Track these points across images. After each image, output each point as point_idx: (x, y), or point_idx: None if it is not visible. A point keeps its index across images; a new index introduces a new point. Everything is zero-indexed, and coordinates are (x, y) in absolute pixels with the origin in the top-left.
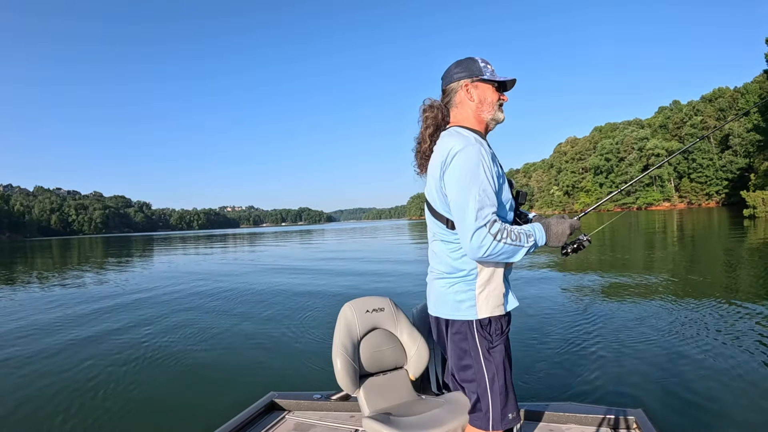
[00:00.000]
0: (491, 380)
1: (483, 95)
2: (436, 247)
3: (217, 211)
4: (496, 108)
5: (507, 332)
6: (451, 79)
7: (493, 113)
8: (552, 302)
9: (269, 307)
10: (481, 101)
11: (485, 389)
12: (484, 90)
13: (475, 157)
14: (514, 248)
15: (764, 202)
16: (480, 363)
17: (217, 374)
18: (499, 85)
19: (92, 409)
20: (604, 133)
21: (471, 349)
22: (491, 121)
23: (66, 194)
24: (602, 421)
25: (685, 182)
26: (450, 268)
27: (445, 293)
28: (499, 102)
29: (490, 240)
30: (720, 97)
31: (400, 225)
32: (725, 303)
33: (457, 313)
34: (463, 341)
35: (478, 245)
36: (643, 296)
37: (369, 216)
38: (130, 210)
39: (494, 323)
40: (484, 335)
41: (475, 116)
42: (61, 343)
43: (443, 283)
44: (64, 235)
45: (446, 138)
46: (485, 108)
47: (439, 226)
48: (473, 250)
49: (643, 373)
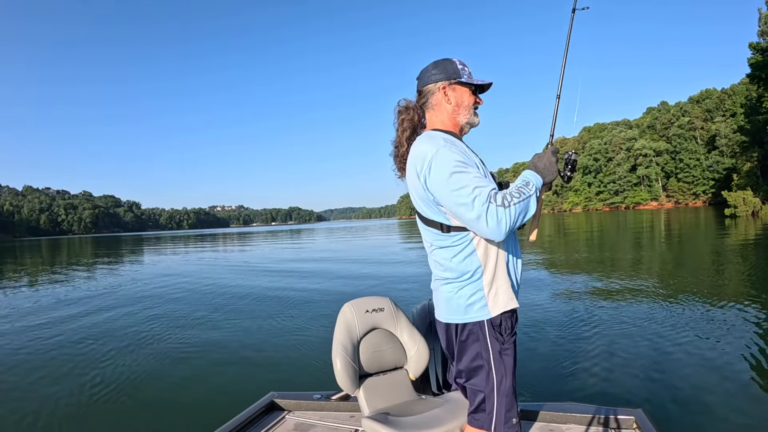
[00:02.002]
0: (500, 381)
1: (460, 98)
2: (437, 255)
3: (207, 211)
4: (472, 112)
5: (516, 332)
6: (428, 80)
7: (468, 117)
8: (552, 303)
9: (269, 308)
10: (458, 104)
11: (492, 389)
12: (461, 93)
13: (449, 155)
14: (525, 203)
15: (745, 202)
16: (491, 364)
17: (217, 374)
18: (476, 88)
19: (92, 409)
20: (593, 134)
21: (483, 350)
22: (466, 125)
23: (55, 194)
24: (602, 421)
25: (672, 182)
26: (455, 272)
27: (454, 298)
28: (474, 105)
29: (502, 211)
30: (707, 98)
31: (391, 224)
32: (722, 303)
33: (470, 315)
34: (474, 343)
35: (496, 223)
36: (642, 296)
37: (359, 215)
38: (119, 210)
39: (505, 323)
40: (496, 336)
41: (450, 119)
42: (61, 343)
43: (450, 288)
44: (54, 235)
45: (417, 145)
46: (461, 111)
47: (433, 233)
48: (494, 231)
49: (643, 373)
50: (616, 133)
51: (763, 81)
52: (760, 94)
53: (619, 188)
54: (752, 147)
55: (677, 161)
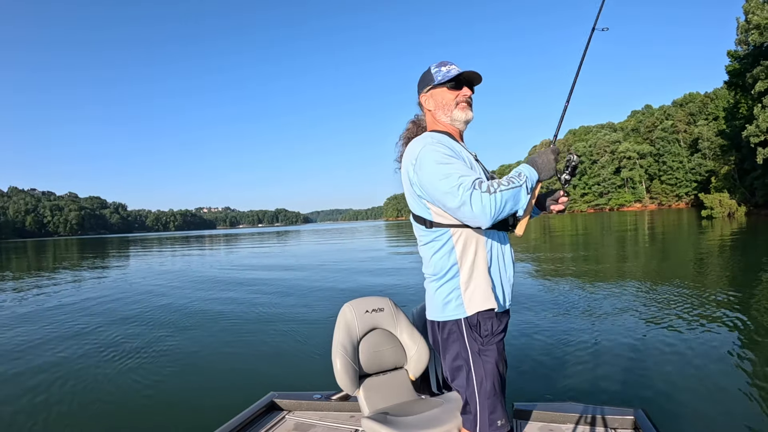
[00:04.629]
0: (479, 383)
1: (438, 100)
2: (423, 252)
3: (193, 213)
4: (454, 107)
5: (500, 335)
6: (418, 95)
7: (450, 113)
8: (552, 303)
9: (269, 308)
10: (437, 106)
11: (473, 390)
12: (438, 95)
13: (435, 148)
14: (513, 191)
15: (721, 204)
16: (470, 364)
17: (217, 374)
18: (458, 83)
19: (92, 409)
20: (578, 136)
21: (462, 350)
22: (454, 121)
23: (41, 195)
24: (602, 421)
25: (656, 184)
26: (434, 268)
27: (434, 295)
28: (457, 100)
29: (487, 197)
30: (690, 102)
31: (378, 226)
32: (722, 303)
33: (447, 313)
34: (454, 342)
35: (481, 208)
36: (641, 297)
37: (346, 217)
38: (105, 211)
39: (483, 324)
40: (474, 336)
41: (437, 122)
42: (61, 343)
43: (432, 285)
44: (40, 236)
45: (410, 145)
46: (440, 111)
47: (420, 229)
48: (479, 215)
49: (643, 373)
50: (601, 136)
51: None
52: (737, 101)
53: (604, 190)
54: (731, 151)
55: (660, 164)
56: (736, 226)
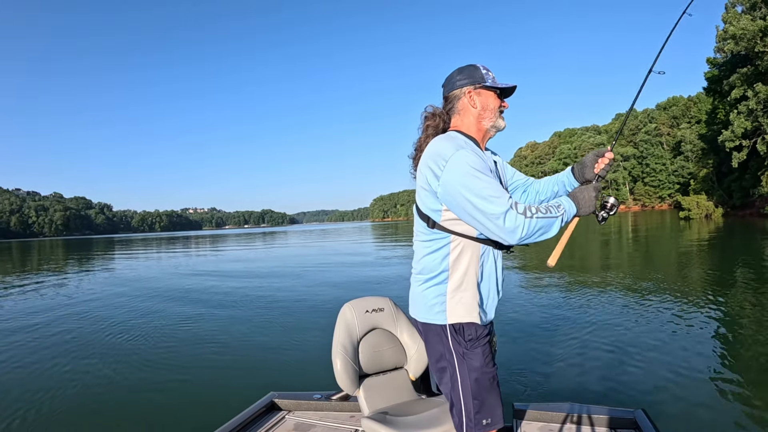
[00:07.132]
0: (464, 384)
1: (485, 102)
2: (416, 247)
3: (179, 213)
4: (497, 115)
5: (485, 339)
6: (454, 86)
7: (494, 120)
8: (551, 304)
9: (269, 308)
10: (483, 108)
11: (458, 393)
12: (486, 97)
13: (469, 156)
14: (548, 221)
15: (698, 206)
16: (454, 366)
17: (217, 374)
18: (501, 92)
19: (92, 409)
20: (563, 139)
21: (446, 352)
22: (492, 128)
23: (26, 195)
24: (602, 421)
25: (639, 186)
26: (423, 267)
27: (418, 294)
28: (500, 109)
29: (522, 219)
30: (674, 105)
31: (364, 227)
32: (720, 304)
33: (429, 316)
34: (438, 344)
35: (513, 227)
36: (640, 297)
37: (332, 218)
38: (91, 212)
39: (467, 329)
40: (458, 340)
41: (476, 123)
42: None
43: (417, 281)
44: (24, 237)
45: (436, 141)
46: (487, 115)
47: (421, 225)
48: (509, 233)
49: (643, 373)
50: (586, 138)
51: (718, 93)
52: (715, 106)
53: None
54: (710, 154)
55: (644, 166)
56: (713, 227)
